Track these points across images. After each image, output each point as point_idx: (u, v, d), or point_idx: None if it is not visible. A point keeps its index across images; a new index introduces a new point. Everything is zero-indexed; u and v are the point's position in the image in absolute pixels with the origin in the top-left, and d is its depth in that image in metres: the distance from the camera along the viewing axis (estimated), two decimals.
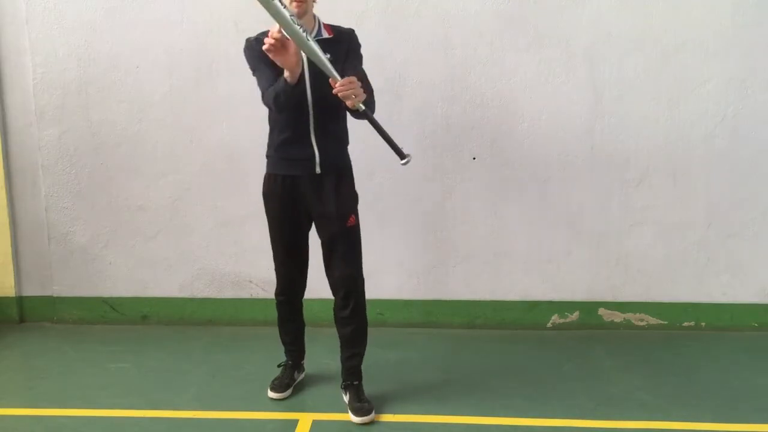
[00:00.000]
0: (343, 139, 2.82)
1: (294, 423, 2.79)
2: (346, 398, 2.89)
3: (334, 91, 2.45)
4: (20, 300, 3.86)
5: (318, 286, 3.13)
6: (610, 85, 3.52)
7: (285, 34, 2.39)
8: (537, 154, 3.59)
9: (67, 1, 3.56)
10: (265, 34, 2.55)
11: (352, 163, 2.84)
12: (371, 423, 2.77)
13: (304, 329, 3.08)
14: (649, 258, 3.67)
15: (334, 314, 2.87)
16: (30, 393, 3.08)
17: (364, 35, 2.80)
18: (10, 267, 3.81)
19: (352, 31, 2.75)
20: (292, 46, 2.43)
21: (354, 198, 2.83)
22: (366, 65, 2.76)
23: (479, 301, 3.74)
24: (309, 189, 2.73)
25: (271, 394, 2.98)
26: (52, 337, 3.68)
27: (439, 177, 3.63)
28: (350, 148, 2.85)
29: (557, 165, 3.60)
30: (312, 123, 2.67)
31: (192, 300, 3.82)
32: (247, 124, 3.61)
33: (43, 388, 3.11)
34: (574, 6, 3.46)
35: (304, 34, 2.40)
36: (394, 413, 2.84)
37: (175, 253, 3.77)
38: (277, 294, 2.96)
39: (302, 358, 3.12)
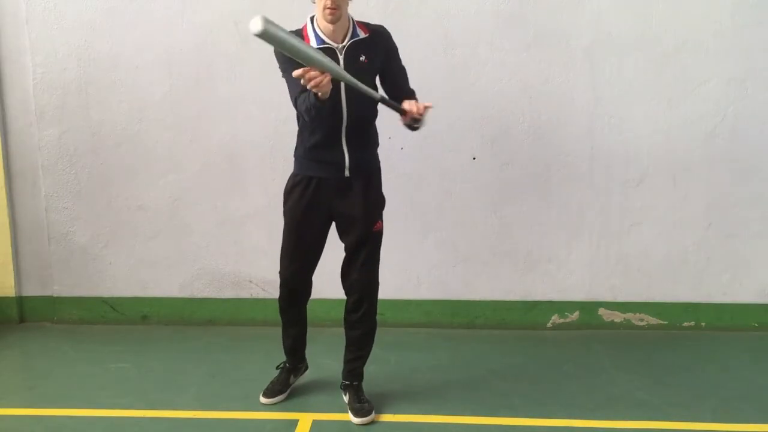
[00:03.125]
0: (373, 142, 2.80)
1: (294, 423, 2.79)
2: (345, 398, 2.89)
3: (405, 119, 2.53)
4: (20, 300, 3.86)
5: (318, 286, 3.11)
6: (610, 85, 3.52)
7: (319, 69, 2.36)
8: (537, 154, 3.59)
9: (67, 1, 3.56)
10: (297, 34, 2.53)
11: None
12: (371, 423, 2.77)
13: (306, 334, 3.03)
14: (649, 258, 3.67)
15: (345, 316, 2.85)
16: (30, 393, 3.08)
17: None
18: (10, 267, 3.81)
19: (385, 29, 2.71)
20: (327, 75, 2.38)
21: (381, 202, 2.81)
22: None
23: (479, 301, 3.74)
24: (336, 191, 2.71)
25: (263, 400, 2.95)
26: (52, 337, 3.68)
27: (439, 177, 3.63)
28: None
29: (557, 165, 3.60)
30: (344, 128, 2.64)
31: (192, 300, 3.81)
32: (247, 124, 3.61)
33: (43, 388, 3.11)
34: (574, 6, 3.46)
35: (334, 65, 2.38)
36: (394, 413, 2.85)
37: (175, 253, 3.77)
38: (280, 297, 2.90)
39: (301, 362, 3.09)
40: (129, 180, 3.72)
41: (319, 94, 2.40)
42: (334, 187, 2.70)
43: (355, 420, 2.78)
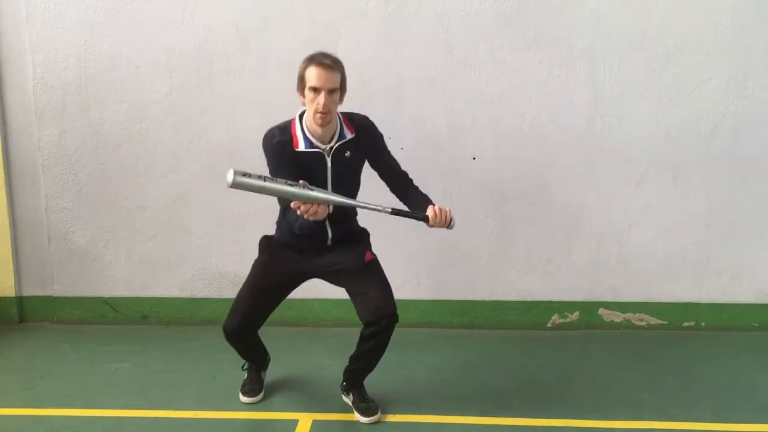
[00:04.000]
0: (354, 215, 2.83)
1: (294, 423, 2.79)
2: (348, 398, 2.88)
3: (430, 225, 2.53)
4: (20, 300, 3.86)
5: (318, 285, 3.10)
6: (610, 85, 3.52)
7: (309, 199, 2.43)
8: (537, 154, 3.59)
9: (67, 1, 3.55)
10: (285, 132, 2.58)
11: None
12: (377, 422, 2.77)
13: (261, 345, 2.98)
14: (649, 258, 3.67)
15: (362, 337, 2.73)
16: (30, 393, 3.08)
17: (364, 35, 2.80)
18: (10, 267, 3.81)
19: (369, 123, 2.72)
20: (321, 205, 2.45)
21: (364, 238, 2.82)
22: (366, 65, 2.76)
23: (479, 301, 3.74)
24: (317, 254, 2.74)
25: (244, 399, 2.95)
26: (52, 337, 3.68)
27: (439, 177, 3.63)
28: None
29: (557, 165, 3.60)
30: (329, 213, 2.63)
31: (192, 300, 3.81)
32: (247, 124, 3.61)
33: (43, 388, 3.11)
34: (574, 6, 3.46)
35: (322, 194, 2.44)
36: (395, 413, 2.84)
37: (175, 253, 3.77)
38: (224, 328, 2.77)
39: (265, 361, 3.07)
40: (129, 180, 3.72)
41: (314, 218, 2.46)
42: (316, 252, 2.73)
43: (363, 419, 2.77)
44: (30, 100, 3.66)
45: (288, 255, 2.75)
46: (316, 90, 2.49)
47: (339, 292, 2.86)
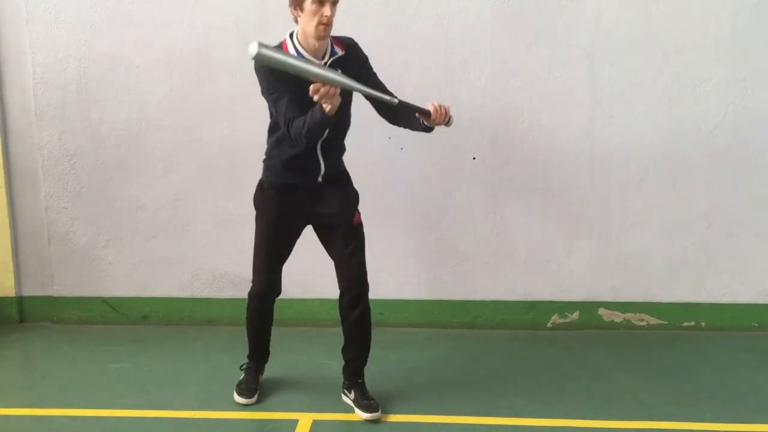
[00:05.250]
0: (343, 150, 2.85)
1: (294, 423, 2.79)
2: (350, 397, 2.88)
3: (432, 122, 2.61)
4: (20, 300, 3.86)
5: (318, 286, 3.12)
6: (610, 85, 3.52)
7: (326, 80, 2.41)
8: (537, 154, 3.59)
9: (67, 1, 3.55)
10: (279, 48, 2.55)
11: (352, 164, 2.87)
12: (377, 421, 2.77)
13: (270, 332, 3.04)
14: (649, 258, 3.67)
15: (342, 314, 2.83)
16: (30, 393, 3.08)
17: (364, 35, 2.80)
18: (10, 267, 3.81)
19: (354, 42, 2.75)
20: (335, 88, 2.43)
21: (355, 197, 2.84)
22: None
23: (479, 301, 3.74)
24: (309, 195, 2.75)
25: (241, 400, 2.94)
26: (52, 337, 3.68)
27: (439, 177, 3.63)
28: (350, 149, 2.87)
29: (557, 165, 3.60)
30: (322, 141, 2.65)
31: (192, 300, 3.81)
32: (247, 124, 3.60)
33: (43, 388, 3.11)
34: (574, 6, 3.46)
35: (339, 77, 2.44)
36: (394, 413, 2.84)
37: (175, 253, 3.77)
38: (253, 294, 2.91)
39: (266, 361, 3.10)
40: (129, 180, 3.72)
41: (327, 108, 2.42)
42: (308, 193, 2.75)
43: (365, 416, 2.77)
44: (30, 100, 3.66)
45: (282, 206, 2.77)
46: (321, 1, 2.50)
47: (338, 292, 2.86)
